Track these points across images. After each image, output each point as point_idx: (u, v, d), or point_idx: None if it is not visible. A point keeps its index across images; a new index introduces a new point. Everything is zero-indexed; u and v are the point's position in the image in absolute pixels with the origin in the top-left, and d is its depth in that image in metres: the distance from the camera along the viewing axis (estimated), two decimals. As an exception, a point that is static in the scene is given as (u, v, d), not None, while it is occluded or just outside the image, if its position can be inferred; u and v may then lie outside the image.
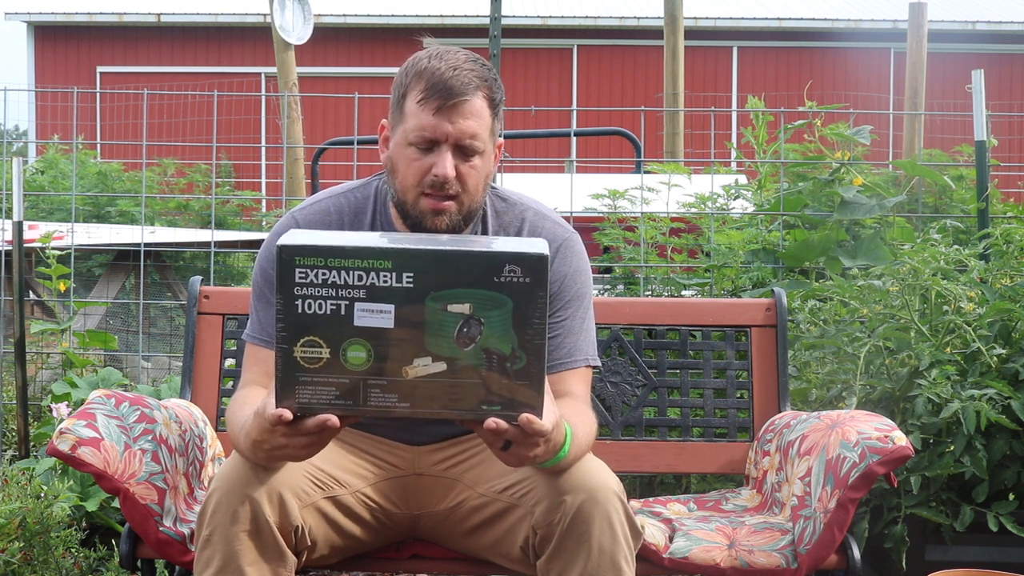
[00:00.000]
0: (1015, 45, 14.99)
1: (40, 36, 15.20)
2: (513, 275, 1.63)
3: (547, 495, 1.93)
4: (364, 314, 1.63)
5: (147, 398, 2.33)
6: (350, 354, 1.64)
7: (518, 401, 1.66)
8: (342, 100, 12.48)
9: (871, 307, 3.02)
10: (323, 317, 1.63)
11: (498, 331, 1.63)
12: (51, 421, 3.38)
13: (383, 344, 1.63)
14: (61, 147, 9.16)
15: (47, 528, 2.76)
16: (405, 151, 2.03)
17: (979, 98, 3.70)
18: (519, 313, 1.64)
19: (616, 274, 4.11)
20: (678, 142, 6.00)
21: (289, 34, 6.72)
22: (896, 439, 2.19)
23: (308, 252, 1.63)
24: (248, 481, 1.89)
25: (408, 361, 1.64)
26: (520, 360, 1.64)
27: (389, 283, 1.63)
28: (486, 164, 2.06)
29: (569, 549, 1.89)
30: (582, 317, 2.14)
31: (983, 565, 2.76)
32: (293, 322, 1.64)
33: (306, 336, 1.64)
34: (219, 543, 1.88)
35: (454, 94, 1.98)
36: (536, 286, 1.63)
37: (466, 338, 1.63)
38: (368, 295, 1.63)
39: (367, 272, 1.63)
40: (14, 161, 3.48)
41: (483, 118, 2.01)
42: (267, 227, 6.77)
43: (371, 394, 1.65)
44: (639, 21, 14.68)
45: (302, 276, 1.63)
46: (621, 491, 1.94)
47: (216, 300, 2.71)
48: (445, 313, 1.63)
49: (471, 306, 1.63)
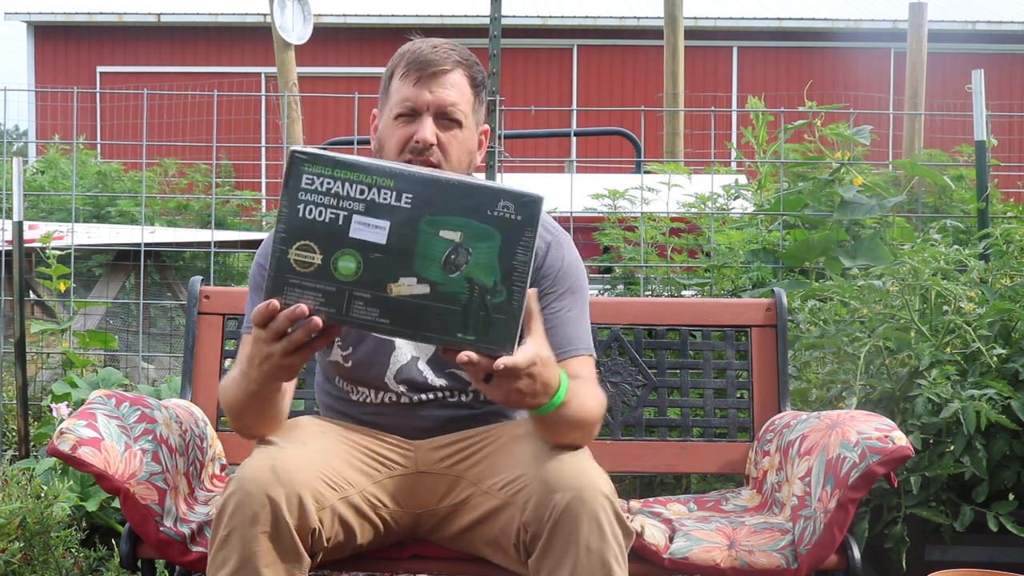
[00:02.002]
0: (1015, 45, 14.99)
1: (40, 36, 15.20)
2: (506, 211, 1.72)
3: (536, 491, 1.93)
4: (360, 227, 1.72)
5: (147, 398, 2.34)
6: (341, 263, 1.72)
7: (493, 334, 1.72)
8: (342, 100, 12.48)
9: (871, 307, 3.02)
10: (321, 224, 1.72)
11: (483, 262, 1.71)
12: (51, 421, 3.38)
13: (373, 258, 1.72)
14: (61, 147, 9.16)
15: (47, 528, 2.76)
16: (391, 125, 2.14)
17: (979, 98, 3.70)
18: (506, 248, 1.72)
19: (616, 274, 4.11)
20: (678, 142, 6.00)
21: (289, 34, 6.72)
22: (896, 439, 2.19)
23: (317, 160, 1.72)
24: (268, 483, 1.90)
25: (394, 279, 1.72)
26: (500, 294, 1.72)
27: (388, 201, 1.72)
28: (468, 138, 2.15)
29: (558, 548, 1.90)
30: (580, 309, 2.19)
31: (983, 565, 2.76)
32: (293, 225, 1.72)
33: (302, 240, 1.72)
34: (237, 543, 1.89)
35: (433, 64, 2.10)
36: (525, 224, 1.72)
37: (452, 265, 1.72)
38: (366, 209, 1.72)
39: (369, 187, 1.72)
40: (14, 161, 3.48)
41: (463, 91, 2.13)
42: (267, 227, 6.77)
43: (355, 305, 1.72)
44: (639, 21, 14.69)
45: (308, 182, 1.72)
46: (611, 491, 1.94)
47: (216, 300, 2.71)
48: (436, 238, 1.72)
49: (462, 235, 1.71)
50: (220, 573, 1.89)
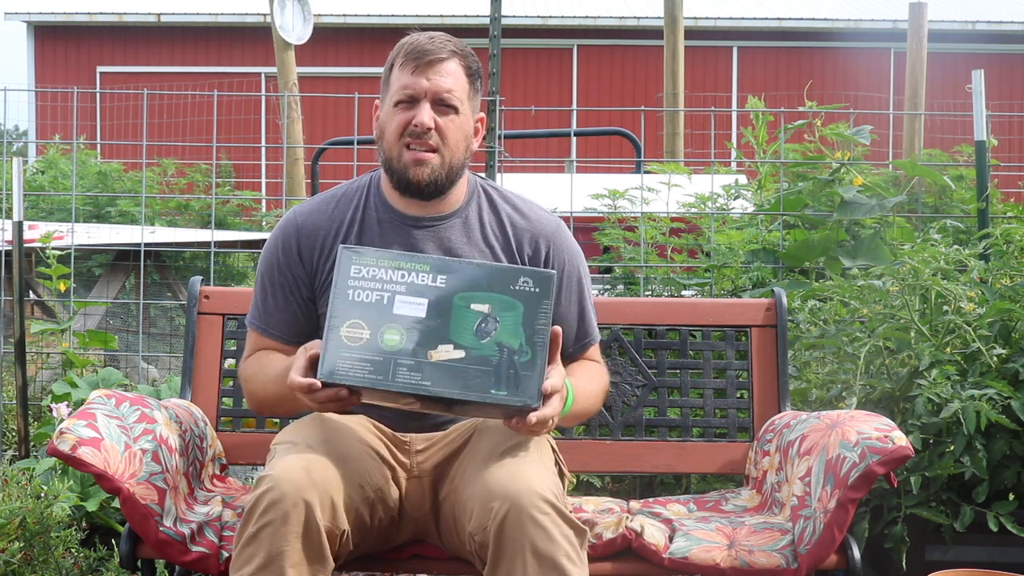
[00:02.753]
0: (1015, 45, 14.98)
1: (40, 36, 15.19)
2: (526, 285, 2.01)
3: (478, 500, 1.99)
4: (402, 304, 1.99)
5: (147, 398, 2.33)
6: (386, 336, 1.97)
7: (522, 389, 1.96)
8: (342, 100, 12.48)
9: (871, 307, 3.02)
10: (368, 304, 1.98)
11: (510, 329, 1.98)
12: (51, 421, 3.38)
13: (414, 330, 1.97)
14: (61, 147, 9.16)
15: (47, 528, 2.76)
16: (391, 112, 2.21)
17: (979, 98, 3.70)
18: (528, 316, 2.00)
19: (616, 274, 4.11)
20: (678, 142, 6.00)
21: (289, 34, 6.72)
22: (896, 439, 2.18)
23: (364, 254, 2.02)
24: (303, 485, 1.93)
25: (433, 346, 1.97)
26: (526, 354, 1.97)
27: (425, 282, 2.00)
28: (464, 124, 2.23)
29: (508, 556, 1.92)
30: (583, 300, 2.33)
31: (983, 565, 2.76)
32: (343, 307, 1.98)
33: (352, 319, 1.97)
34: (266, 541, 1.90)
35: (430, 54, 2.18)
36: (543, 296, 2.00)
37: (483, 332, 1.98)
38: (407, 290, 2.00)
39: (408, 272, 2.01)
40: (14, 161, 3.47)
41: (458, 78, 2.20)
42: (267, 227, 6.77)
43: (399, 372, 1.96)
44: (639, 21, 14.68)
45: (356, 272, 2.00)
46: (551, 491, 1.96)
47: (216, 300, 2.71)
48: (468, 310, 1.99)
49: (490, 307, 1.99)
50: (245, 569, 1.91)
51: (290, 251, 2.26)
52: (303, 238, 2.26)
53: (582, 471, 2.85)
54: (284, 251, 2.26)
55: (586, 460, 2.68)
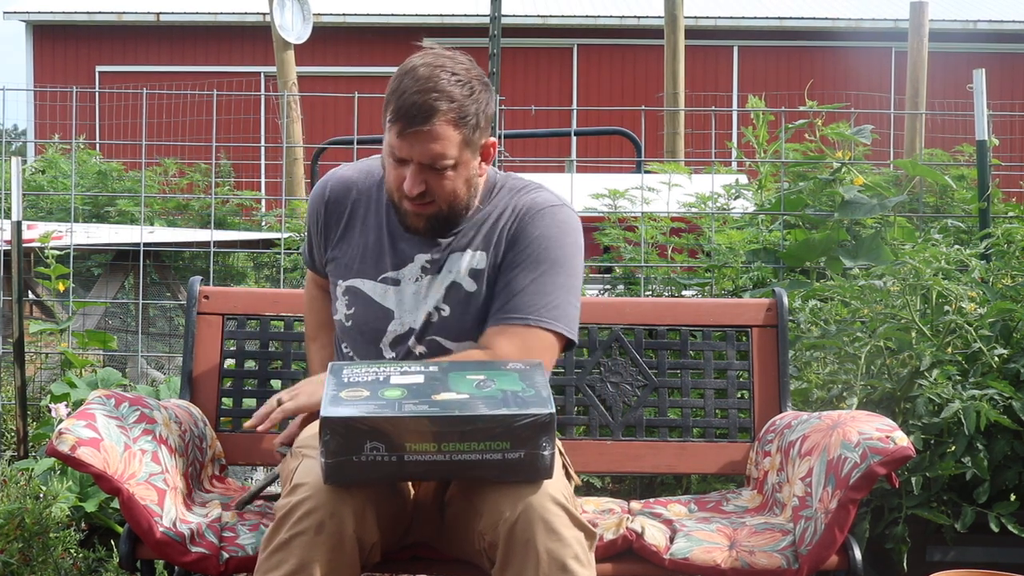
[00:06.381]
0: (1016, 44, 14.98)
1: (39, 35, 15.18)
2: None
3: (488, 501, 1.97)
4: (399, 376, 2.04)
5: (147, 398, 2.33)
6: (387, 393, 1.99)
7: (530, 404, 1.97)
8: (341, 100, 12.47)
9: (872, 307, 3.01)
10: (364, 383, 2.03)
11: (509, 382, 2.03)
12: (50, 421, 3.37)
13: (415, 386, 2.02)
14: (60, 147, 9.15)
15: (46, 528, 2.75)
16: (388, 158, 2.18)
17: (980, 98, 3.69)
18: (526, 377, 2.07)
19: (616, 274, 4.10)
20: (678, 142, 6.00)
21: (289, 33, 6.72)
22: (897, 439, 2.18)
23: (354, 363, 2.15)
24: (340, 496, 1.93)
25: (437, 392, 2.01)
26: (529, 391, 2.00)
27: (418, 369, 2.08)
28: (463, 171, 2.16)
29: (518, 557, 1.92)
30: (543, 281, 2.20)
31: (984, 566, 2.76)
32: (339, 385, 2.02)
33: (350, 389, 2.01)
34: (297, 549, 1.90)
35: (415, 123, 2.09)
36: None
37: (483, 387, 2.02)
38: (401, 372, 2.07)
39: (400, 368, 2.09)
40: (13, 161, 3.47)
41: (447, 139, 2.10)
42: (267, 227, 6.76)
43: (405, 407, 1.95)
44: (639, 21, 14.67)
45: (348, 371, 2.07)
46: (559, 493, 1.96)
47: (216, 300, 2.70)
48: (465, 379, 2.05)
49: (486, 376, 2.06)
50: (273, 574, 1.91)
51: (319, 207, 2.34)
52: (331, 202, 2.33)
53: (583, 471, 2.84)
54: (314, 205, 2.36)
55: (586, 460, 2.67)
